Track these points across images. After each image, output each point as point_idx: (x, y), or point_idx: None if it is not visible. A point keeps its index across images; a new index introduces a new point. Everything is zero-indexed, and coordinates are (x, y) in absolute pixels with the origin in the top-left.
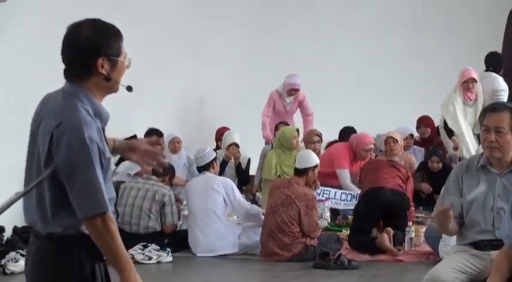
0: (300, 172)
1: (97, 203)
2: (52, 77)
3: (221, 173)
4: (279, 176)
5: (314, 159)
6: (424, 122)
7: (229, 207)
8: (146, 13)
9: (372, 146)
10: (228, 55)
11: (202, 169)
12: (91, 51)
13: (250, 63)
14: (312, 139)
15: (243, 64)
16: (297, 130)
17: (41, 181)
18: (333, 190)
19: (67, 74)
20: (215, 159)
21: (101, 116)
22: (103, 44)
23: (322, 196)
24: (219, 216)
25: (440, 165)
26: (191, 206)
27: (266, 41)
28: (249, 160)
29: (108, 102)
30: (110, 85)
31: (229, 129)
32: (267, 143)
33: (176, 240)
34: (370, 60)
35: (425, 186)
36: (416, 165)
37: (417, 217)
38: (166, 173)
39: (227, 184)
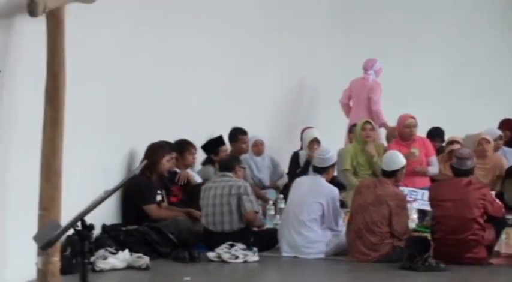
0: (388, 174)
1: None
2: (139, 76)
3: (305, 173)
4: (354, 167)
5: (401, 160)
6: (506, 125)
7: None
8: (232, 14)
9: (412, 120)
10: (313, 56)
11: (317, 170)
12: None
13: (336, 64)
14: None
15: (328, 65)
16: (368, 122)
17: (130, 179)
18: (420, 191)
19: None
20: (333, 165)
21: None
22: None
23: (410, 197)
24: (315, 222)
25: None
26: (289, 203)
27: (352, 42)
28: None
29: (195, 103)
30: None
31: (313, 127)
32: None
33: (262, 239)
34: (457, 60)
35: None
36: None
37: (507, 219)
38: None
39: (333, 195)
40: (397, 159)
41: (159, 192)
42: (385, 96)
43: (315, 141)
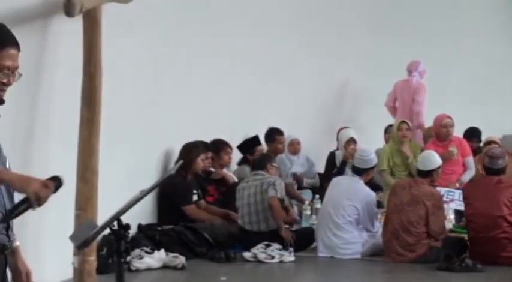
0: (424, 174)
1: None
2: (175, 76)
3: (341, 174)
4: (391, 168)
5: (437, 160)
6: None
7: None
8: (271, 12)
9: (449, 120)
10: (352, 54)
11: (356, 171)
12: None
13: (372, 63)
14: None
15: (368, 65)
16: (404, 122)
17: (166, 178)
18: (457, 191)
19: None
20: (373, 167)
21: None
22: None
23: (447, 198)
24: (351, 224)
25: None
26: (325, 203)
27: (388, 42)
28: None
29: (231, 102)
30: None
31: (349, 127)
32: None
33: (298, 239)
34: (495, 59)
35: None
36: None
37: None
38: None
39: (369, 200)
40: (433, 159)
41: (195, 191)
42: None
43: (351, 141)
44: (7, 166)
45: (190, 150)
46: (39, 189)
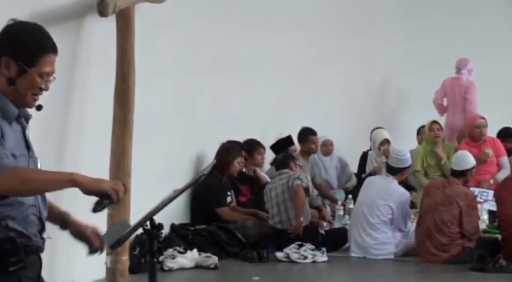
0: (457, 174)
1: None
2: (208, 76)
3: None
4: (424, 168)
5: (471, 160)
6: None
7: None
8: (305, 13)
9: (482, 120)
10: (382, 56)
11: (390, 170)
12: (1, 47)
13: (406, 63)
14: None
15: (399, 63)
16: (436, 122)
17: (199, 178)
18: (490, 192)
19: None
20: (408, 167)
21: (5, 114)
22: (16, 47)
23: (480, 198)
24: (385, 224)
25: None
26: (359, 203)
27: (421, 42)
28: None
29: (264, 102)
30: (14, 92)
31: (382, 128)
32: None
33: (331, 238)
34: None
35: None
36: None
37: None
38: None
39: (404, 199)
40: (467, 159)
41: (228, 193)
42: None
43: (385, 142)
44: (39, 166)
45: (228, 153)
46: (114, 185)
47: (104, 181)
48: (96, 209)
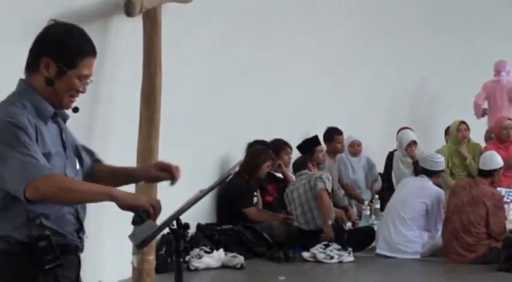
0: (485, 173)
1: (23, 176)
2: (235, 76)
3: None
4: (450, 168)
5: (499, 161)
6: None
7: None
8: (333, 13)
9: (509, 121)
10: (411, 56)
11: (426, 172)
12: (42, 47)
13: (432, 62)
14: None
15: (424, 62)
16: (463, 122)
17: (226, 178)
18: None
19: (25, 63)
20: (442, 170)
21: (40, 113)
22: (58, 47)
23: (507, 198)
24: (416, 221)
25: None
26: (393, 200)
27: (450, 40)
28: None
29: (290, 102)
30: (51, 92)
31: (409, 128)
32: None
33: (357, 237)
34: None
35: None
36: None
37: None
38: None
39: (439, 197)
40: (495, 159)
41: (255, 194)
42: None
43: (412, 144)
44: (77, 167)
45: (258, 155)
46: (151, 200)
47: (142, 196)
48: (136, 222)
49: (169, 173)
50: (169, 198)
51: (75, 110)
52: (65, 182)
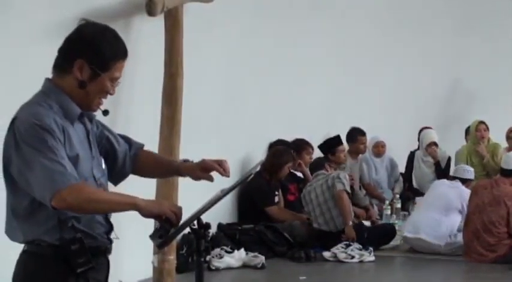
0: (507, 173)
1: (49, 185)
2: (256, 76)
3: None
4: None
5: None
6: None
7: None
8: (354, 12)
9: None
10: (432, 55)
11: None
12: (76, 48)
13: (452, 63)
14: None
15: (445, 63)
16: (482, 122)
17: (247, 178)
18: None
19: (54, 63)
20: (472, 180)
21: (67, 113)
22: (92, 49)
23: None
24: (448, 210)
25: None
26: (427, 195)
27: (473, 40)
28: (449, 159)
29: (312, 102)
30: (82, 94)
31: (431, 128)
32: None
33: (377, 235)
34: None
35: None
36: None
37: None
38: None
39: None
40: None
41: (276, 193)
42: (501, 97)
43: (433, 144)
44: (103, 166)
45: (280, 155)
46: (172, 206)
47: (164, 204)
48: (159, 235)
49: (216, 170)
50: (190, 198)
51: (105, 112)
52: (91, 193)
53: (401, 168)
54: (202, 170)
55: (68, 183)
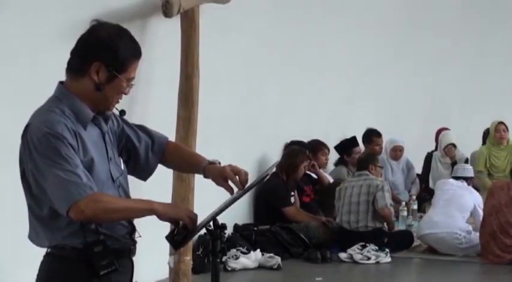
0: None
1: (65, 197)
2: (272, 77)
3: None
4: (488, 169)
5: None
6: None
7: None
8: (371, 13)
9: None
10: (448, 56)
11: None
12: (92, 51)
13: (470, 65)
14: None
15: (465, 64)
16: (502, 123)
17: (263, 179)
18: None
19: (67, 66)
20: (472, 178)
21: (79, 117)
22: (109, 51)
23: None
24: (462, 211)
25: None
26: (439, 195)
27: (490, 42)
28: (466, 160)
29: (328, 103)
30: (99, 97)
31: (448, 129)
32: None
33: (396, 240)
34: None
35: None
36: None
37: None
38: None
39: (480, 202)
40: None
41: (292, 194)
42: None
43: (452, 146)
44: (122, 168)
45: (296, 156)
46: (189, 212)
47: (181, 209)
48: (175, 236)
49: (232, 182)
50: (206, 199)
51: (122, 113)
52: (108, 202)
53: (416, 169)
54: (223, 179)
55: (84, 194)
